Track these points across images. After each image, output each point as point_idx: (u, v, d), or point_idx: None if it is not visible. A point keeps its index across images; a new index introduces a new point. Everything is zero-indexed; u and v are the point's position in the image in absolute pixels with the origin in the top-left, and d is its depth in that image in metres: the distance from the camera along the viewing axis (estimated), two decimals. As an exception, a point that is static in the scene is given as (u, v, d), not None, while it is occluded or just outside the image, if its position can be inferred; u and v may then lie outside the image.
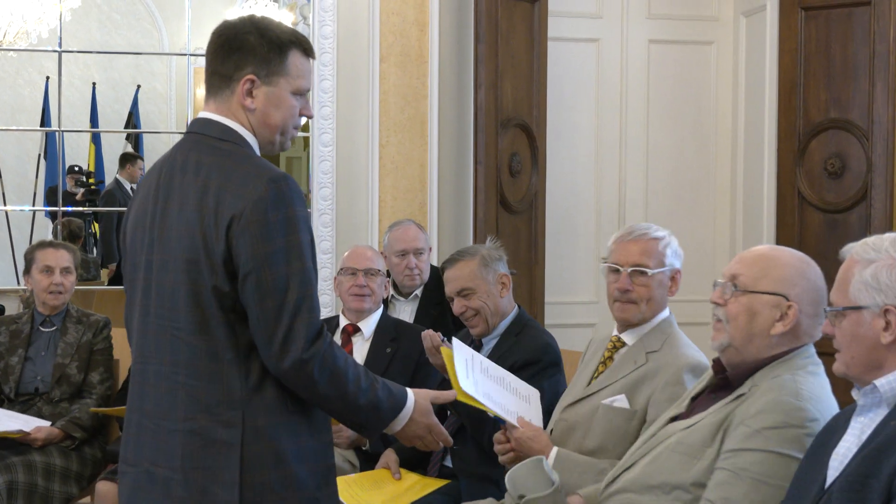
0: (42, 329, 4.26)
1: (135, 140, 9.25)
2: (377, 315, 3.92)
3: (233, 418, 2.05)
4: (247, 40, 2.14)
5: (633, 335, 2.91)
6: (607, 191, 6.14)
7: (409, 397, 2.22)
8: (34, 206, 8.65)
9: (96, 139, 9.08)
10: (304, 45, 2.20)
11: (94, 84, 8.97)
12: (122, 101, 9.17)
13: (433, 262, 4.66)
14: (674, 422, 2.45)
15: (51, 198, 8.30)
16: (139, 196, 2.24)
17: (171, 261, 2.09)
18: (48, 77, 8.34)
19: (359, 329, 3.89)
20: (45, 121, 8.52)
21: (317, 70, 5.07)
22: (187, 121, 7.59)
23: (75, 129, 8.81)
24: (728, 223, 6.12)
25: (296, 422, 2.10)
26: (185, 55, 7.37)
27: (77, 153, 9.00)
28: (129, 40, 9.16)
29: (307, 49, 2.21)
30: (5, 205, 8.44)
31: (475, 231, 5.25)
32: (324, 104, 5.17)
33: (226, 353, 2.06)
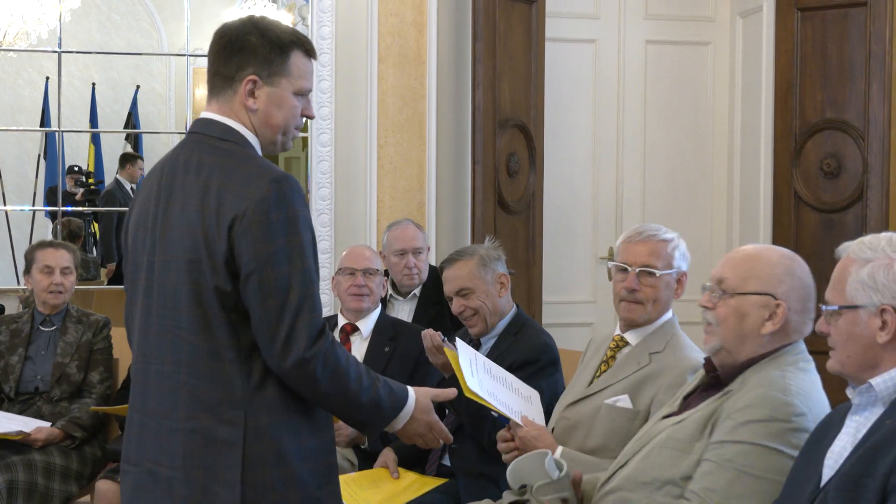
0: (42, 328, 4.26)
1: (134, 140, 9.25)
2: (375, 314, 3.92)
3: (234, 417, 2.05)
4: (249, 41, 2.14)
5: (636, 335, 2.92)
6: (605, 191, 6.16)
7: (410, 395, 2.22)
8: (34, 205, 8.64)
9: (96, 139, 9.08)
10: (305, 45, 2.20)
11: (94, 84, 8.96)
12: (122, 101, 9.17)
13: (431, 262, 4.66)
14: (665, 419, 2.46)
15: (50, 198, 8.30)
16: (141, 196, 2.24)
17: (173, 261, 2.09)
18: (48, 77, 8.33)
19: (357, 328, 3.89)
20: (45, 121, 8.52)
21: (315, 70, 5.08)
22: (186, 121, 7.60)
23: (75, 129, 8.80)
24: (725, 223, 6.14)
25: (297, 421, 2.10)
26: (185, 56, 7.37)
27: (77, 153, 9.00)
28: (128, 41, 9.16)
29: (309, 50, 2.21)
30: (5, 205, 8.44)
31: (473, 231, 5.26)
32: (322, 104, 5.18)
33: (227, 353, 2.06)
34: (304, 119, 2.24)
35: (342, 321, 3.92)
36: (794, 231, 5.41)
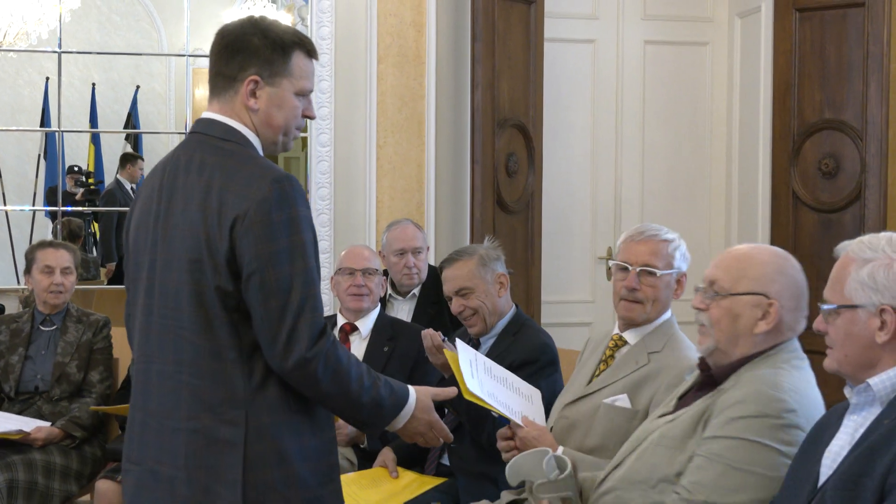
0: (42, 328, 4.26)
1: (134, 140, 9.26)
2: (374, 314, 3.93)
3: (236, 417, 2.06)
4: (251, 41, 2.15)
5: (635, 335, 2.92)
6: (603, 191, 6.16)
7: (411, 394, 2.22)
8: (34, 205, 8.65)
9: (96, 139, 9.08)
10: (307, 46, 2.22)
11: (94, 85, 8.97)
12: (122, 101, 9.18)
13: (431, 262, 4.67)
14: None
15: (51, 198, 8.31)
16: (142, 195, 2.24)
17: (175, 260, 2.10)
18: (48, 78, 8.34)
19: (356, 328, 3.90)
20: (45, 121, 8.53)
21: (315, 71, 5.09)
22: (186, 121, 7.61)
23: (75, 129, 8.81)
24: (723, 223, 6.14)
25: (298, 421, 2.11)
26: (184, 56, 7.37)
27: (77, 153, 9.00)
28: (128, 41, 9.17)
29: (310, 50, 2.23)
30: (5, 204, 8.45)
31: (472, 231, 5.26)
32: (322, 105, 5.19)
33: (229, 353, 2.07)
34: (305, 119, 2.25)
35: (341, 321, 3.93)
36: (793, 231, 5.42)
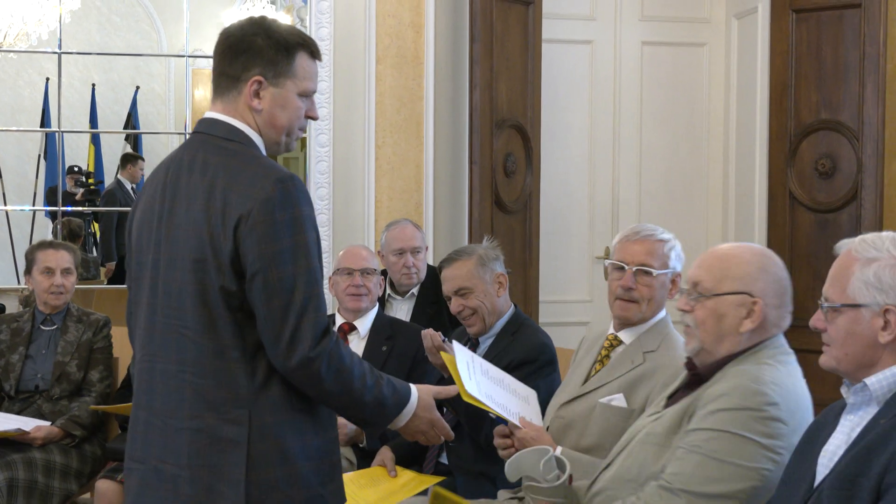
0: (43, 328, 4.27)
1: (134, 141, 9.29)
2: (373, 314, 3.94)
3: (239, 416, 2.06)
4: (255, 42, 2.14)
5: (630, 334, 2.93)
6: (601, 191, 6.18)
7: (413, 393, 2.23)
8: (34, 205, 8.68)
9: (96, 140, 9.11)
10: (310, 47, 2.20)
11: (94, 85, 9.00)
12: (122, 102, 9.20)
13: (429, 262, 4.69)
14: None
15: (51, 198, 8.33)
16: (145, 195, 2.24)
17: (179, 260, 2.10)
18: (48, 78, 8.37)
19: (354, 327, 3.90)
20: (45, 121, 8.55)
21: (314, 72, 5.10)
22: (186, 121, 7.62)
23: (75, 129, 8.84)
24: (720, 223, 6.16)
25: (301, 420, 2.11)
26: (184, 56, 7.40)
27: (77, 154, 9.03)
28: (128, 42, 9.19)
29: (314, 51, 2.21)
30: (6, 204, 8.47)
31: (470, 231, 5.28)
32: (321, 105, 5.20)
33: (232, 352, 2.07)
34: (308, 120, 2.25)
35: (339, 320, 3.93)
36: (789, 231, 5.43)
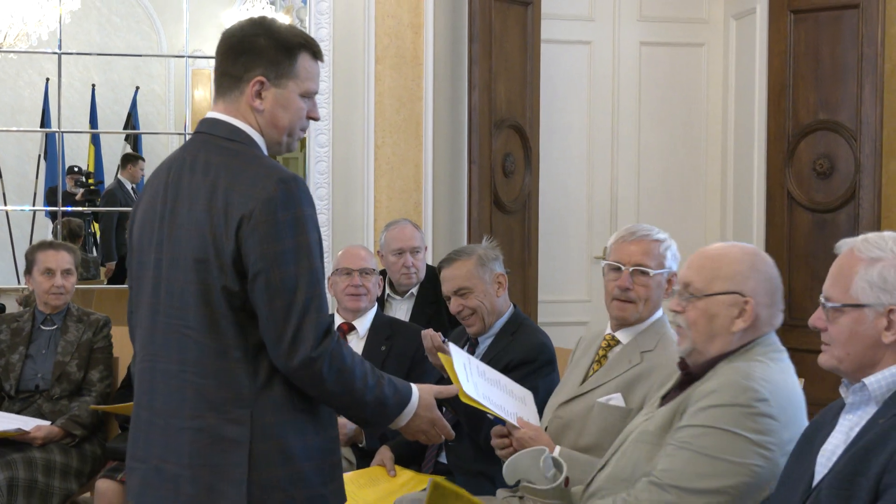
0: (43, 327, 4.27)
1: (133, 141, 9.30)
2: (372, 313, 3.94)
3: (241, 416, 2.06)
4: (257, 42, 2.14)
5: (627, 334, 2.93)
6: (599, 191, 6.20)
7: (414, 393, 2.23)
8: (34, 205, 8.70)
9: (96, 140, 9.12)
10: (313, 48, 2.21)
11: (94, 86, 9.01)
12: (121, 102, 9.22)
13: (428, 262, 4.69)
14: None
15: (51, 198, 8.35)
16: (147, 194, 2.24)
17: (181, 260, 2.09)
18: (48, 79, 8.38)
19: (353, 327, 3.91)
20: (45, 122, 8.57)
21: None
22: (185, 122, 7.63)
23: (75, 130, 8.86)
24: (718, 223, 6.18)
25: (302, 420, 2.11)
26: (183, 57, 7.41)
27: (77, 154, 9.05)
28: (127, 42, 9.21)
29: (316, 52, 2.22)
30: (6, 204, 8.49)
31: (469, 231, 5.29)
32: (320, 105, 5.14)
33: (234, 352, 2.07)
34: (309, 121, 2.26)
35: (339, 320, 3.93)
36: (787, 231, 5.44)
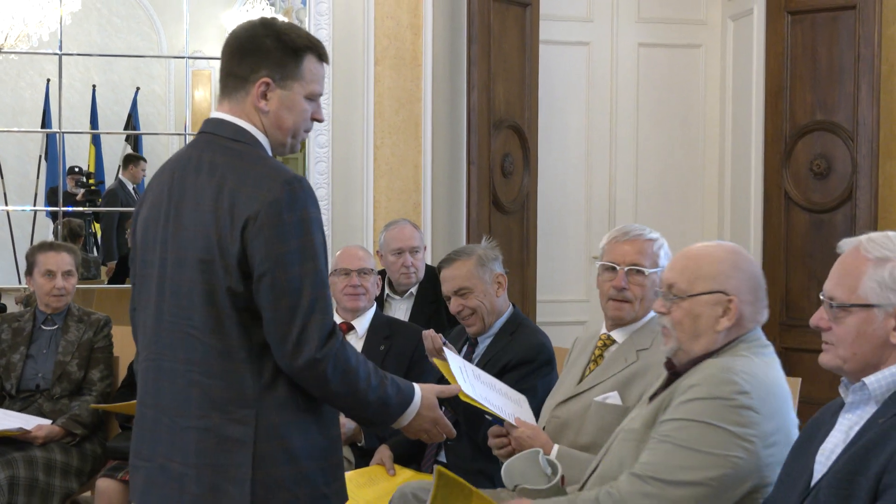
0: (44, 327, 4.27)
1: (134, 141, 9.32)
2: (371, 313, 3.95)
3: (246, 416, 2.07)
4: (263, 43, 2.14)
5: (623, 333, 2.95)
6: (597, 191, 6.21)
7: (416, 392, 2.23)
8: (35, 206, 8.71)
9: (96, 140, 9.14)
10: (318, 50, 2.20)
11: (94, 86, 9.03)
12: (122, 103, 9.23)
13: (427, 262, 4.71)
14: None
15: (51, 198, 8.36)
16: (151, 193, 2.25)
17: (186, 260, 2.10)
18: (49, 79, 8.40)
19: (352, 327, 3.91)
20: (46, 122, 8.58)
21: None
22: (186, 122, 7.65)
23: (75, 130, 8.87)
24: (716, 223, 6.19)
25: (306, 420, 2.12)
26: (184, 58, 7.42)
27: (77, 154, 9.06)
28: (128, 43, 9.22)
29: (322, 54, 2.21)
30: (7, 205, 8.50)
31: (468, 231, 5.30)
32: (320, 106, 5.23)
33: (239, 353, 2.07)
34: (314, 122, 2.26)
35: (338, 320, 3.94)
36: (785, 231, 5.45)
